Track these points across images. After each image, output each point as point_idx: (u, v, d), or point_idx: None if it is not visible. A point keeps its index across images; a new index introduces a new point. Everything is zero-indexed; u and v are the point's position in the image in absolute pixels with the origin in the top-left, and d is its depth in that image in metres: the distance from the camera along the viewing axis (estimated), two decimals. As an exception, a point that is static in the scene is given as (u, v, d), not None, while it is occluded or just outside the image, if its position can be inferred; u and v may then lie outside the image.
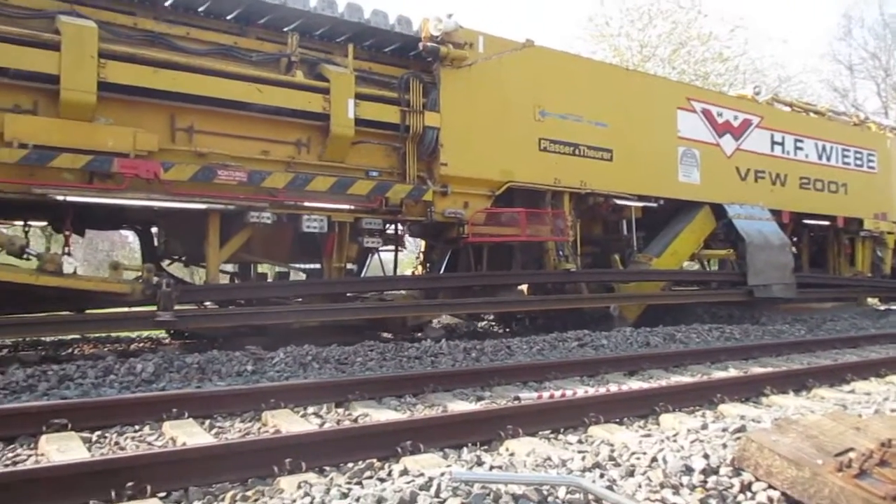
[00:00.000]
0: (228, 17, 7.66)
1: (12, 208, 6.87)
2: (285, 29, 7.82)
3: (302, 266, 8.82)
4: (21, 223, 7.28)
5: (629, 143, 10.09)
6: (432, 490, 2.92)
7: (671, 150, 10.71)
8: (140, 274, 6.75)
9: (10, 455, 3.70)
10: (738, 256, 11.29)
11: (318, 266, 8.44)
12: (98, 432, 4.09)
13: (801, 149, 12.64)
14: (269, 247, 8.22)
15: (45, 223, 7.60)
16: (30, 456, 3.72)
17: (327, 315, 7.72)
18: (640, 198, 10.31)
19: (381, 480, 3.29)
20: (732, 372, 6.69)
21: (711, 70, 23.58)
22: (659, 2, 23.41)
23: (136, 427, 4.24)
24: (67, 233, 6.84)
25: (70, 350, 7.93)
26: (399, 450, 3.63)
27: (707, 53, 23.69)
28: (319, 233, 7.71)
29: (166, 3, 7.29)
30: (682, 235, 10.80)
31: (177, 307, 6.63)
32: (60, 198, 6.26)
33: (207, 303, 7.77)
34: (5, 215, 7.24)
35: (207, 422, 4.42)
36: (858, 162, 13.73)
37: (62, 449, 3.66)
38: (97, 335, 8.59)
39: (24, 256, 6.40)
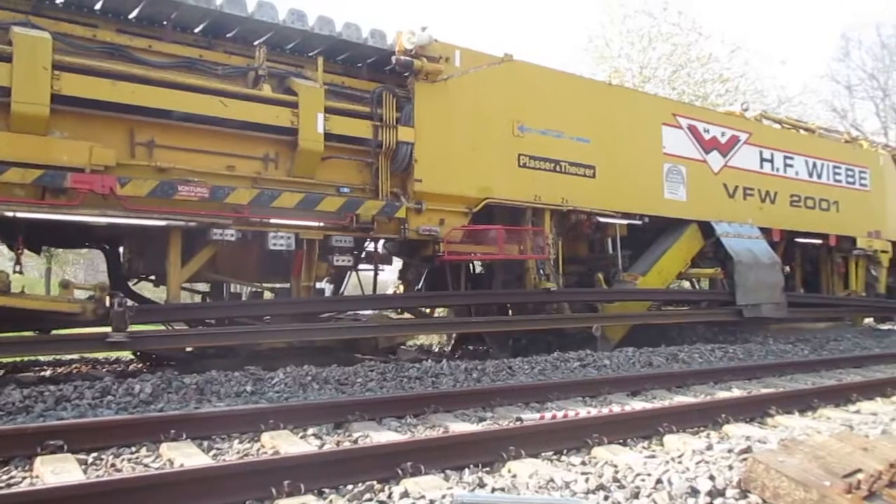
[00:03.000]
0: (195, 31, 7.83)
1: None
2: (255, 42, 8.00)
3: (272, 285, 8.92)
4: None
5: (612, 160, 10.41)
6: (434, 512, 3.04)
7: (656, 167, 11.05)
8: (93, 293, 6.80)
9: (5, 477, 3.78)
10: (726, 275, 11.62)
11: (287, 285, 8.55)
12: (94, 454, 4.19)
13: (790, 166, 13.08)
14: (235, 265, 8.31)
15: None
16: (24, 478, 3.80)
17: (295, 335, 7.82)
18: (625, 215, 10.61)
19: (381, 503, 3.43)
20: (737, 392, 6.96)
21: (711, 91, 24.39)
22: (659, 24, 24.24)
23: (133, 448, 4.35)
24: (19, 250, 6.86)
25: (69, 370, 8.11)
26: (400, 471, 3.75)
27: (707, 75, 24.55)
28: (287, 250, 7.84)
29: (130, 16, 7.43)
30: (668, 254, 11.10)
31: (133, 328, 6.70)
32: (10, 214, 6.31)
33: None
34: None
35: (206, 443, 4.54)
36: (850, 179, 14.21)
37: (57, 471, 3.74)
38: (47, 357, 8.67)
39: None
